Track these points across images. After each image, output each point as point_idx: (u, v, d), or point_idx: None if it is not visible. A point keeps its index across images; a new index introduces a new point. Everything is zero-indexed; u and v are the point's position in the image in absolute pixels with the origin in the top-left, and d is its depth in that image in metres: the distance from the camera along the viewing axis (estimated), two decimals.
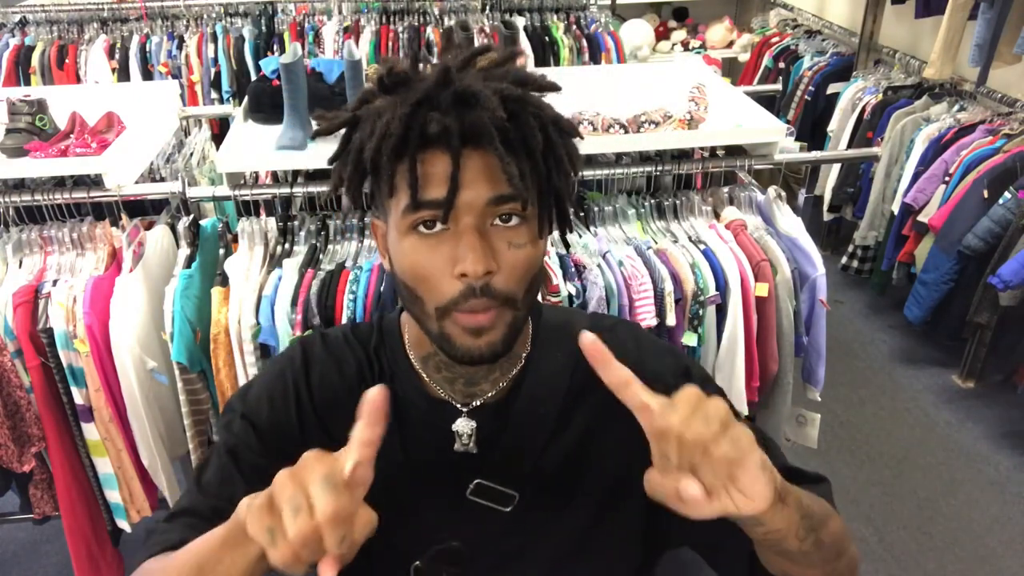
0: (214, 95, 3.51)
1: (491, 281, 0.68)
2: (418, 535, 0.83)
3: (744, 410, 1.75)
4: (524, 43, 3.39)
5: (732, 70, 4.73)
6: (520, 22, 3.52)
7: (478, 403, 0.81)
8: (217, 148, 2.08)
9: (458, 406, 0.81)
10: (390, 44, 3.49)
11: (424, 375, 0.82)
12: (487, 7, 3.65)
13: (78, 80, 3.47)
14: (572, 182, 0.75)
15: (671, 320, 1.64)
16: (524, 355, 0.83)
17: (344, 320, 1.57)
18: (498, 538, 0.83)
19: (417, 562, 0.83)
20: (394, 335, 0.84)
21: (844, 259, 3.47)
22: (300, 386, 0.83)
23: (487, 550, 0.83)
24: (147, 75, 3.50)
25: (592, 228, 1.79)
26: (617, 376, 0.61)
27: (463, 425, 0.81)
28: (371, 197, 0.75)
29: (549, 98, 0.73)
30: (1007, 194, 2.54)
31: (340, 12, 3.64)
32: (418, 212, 0.67)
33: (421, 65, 0.70)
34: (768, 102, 3.50)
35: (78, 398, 1.63)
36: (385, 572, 0.84)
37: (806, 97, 3.78)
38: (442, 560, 0.82)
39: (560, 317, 0.88)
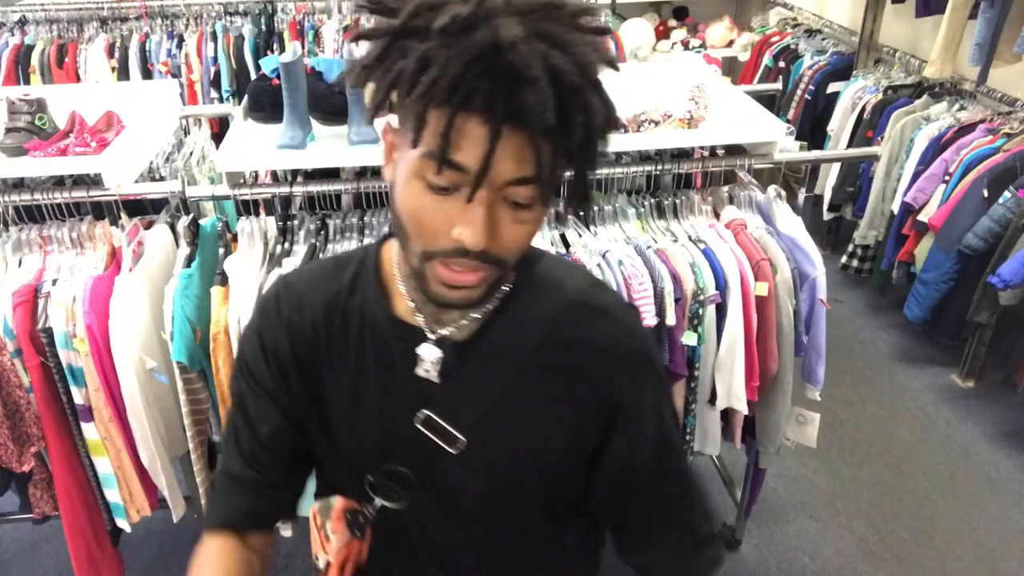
0: (214, 94, 3.51)
1: (487, 248, 0.68)
2: (371, 450, 0.85)
3: (744, 410, 1.75)
4: None
5: (732, 69, 4.73)
6: None
7: (446, 332, 0.81)
8: (217, 147, 2.08)
9: (425, 330, 0.81)
10: None
11: (404, 291, 0.81)
12: None
13: (78, 79, 3.47)
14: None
15: (671, 319, 1.64)
16: (500, 296, 0.82)
17: None
18: (442, 476, 0.85)
19: (369, 476, 0.85)
20: (370, 260, 0.86)
21: (844, 258, 3.47)
22: (267, 337, 0.87)
23: (431, 484, 0.85)
24: (147, 74, 3.50)
25: (592, 227, 1.79)
26: None
27: (426, 351, 0.81)
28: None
29: None
30: (1007, 193, 2.54)
31: (340, 11, 3.65)
32: (439, 172, 0.65)
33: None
34: (768, 101, 3.50)
35: (78, 398, 1.63)
36: (341, 479, 0.88)
37: (806, 96, 3.78)
38: (392, 479, 0.84)
39: (557, 271, 0.87)
